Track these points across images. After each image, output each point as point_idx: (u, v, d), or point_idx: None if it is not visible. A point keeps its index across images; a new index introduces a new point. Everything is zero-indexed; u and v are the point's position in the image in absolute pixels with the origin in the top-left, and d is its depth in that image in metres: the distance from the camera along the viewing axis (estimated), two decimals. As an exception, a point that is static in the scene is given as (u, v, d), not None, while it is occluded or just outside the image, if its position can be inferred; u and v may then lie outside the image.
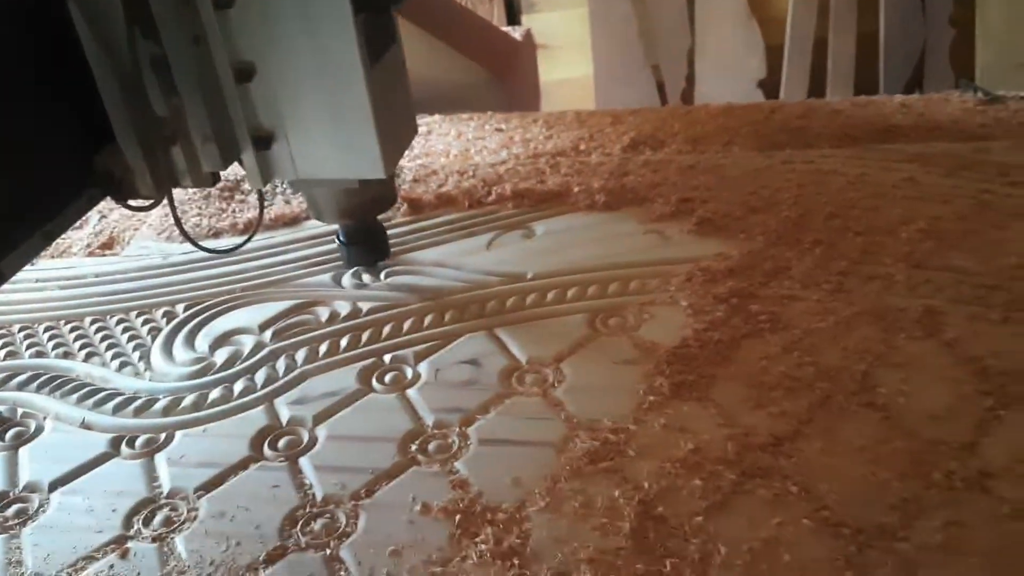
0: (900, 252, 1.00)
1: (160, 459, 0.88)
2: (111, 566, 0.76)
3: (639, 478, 0.77)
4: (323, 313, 1.06)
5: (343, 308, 1.06)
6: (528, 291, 1.04)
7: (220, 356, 1.01)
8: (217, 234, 1.26)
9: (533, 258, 1.10)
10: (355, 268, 1.13)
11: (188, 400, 0.95)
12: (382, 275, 1.11)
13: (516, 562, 0.71)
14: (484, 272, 1.09)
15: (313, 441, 0.87)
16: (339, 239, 1.11)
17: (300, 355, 0.99)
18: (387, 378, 0.94)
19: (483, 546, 0.72)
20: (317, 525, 0.77)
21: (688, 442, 0.80)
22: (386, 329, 1.01)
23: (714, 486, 0.75)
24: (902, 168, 1.17)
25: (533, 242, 1.15)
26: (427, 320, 1.02)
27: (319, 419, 0.90)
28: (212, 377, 0.98)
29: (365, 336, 1.01)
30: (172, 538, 0.78)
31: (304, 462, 0.85)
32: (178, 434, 0.91)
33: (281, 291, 1.11)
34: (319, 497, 0.80)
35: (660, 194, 1.19)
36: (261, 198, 1.10)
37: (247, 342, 1.03)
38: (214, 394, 0.95)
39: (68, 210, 0.81)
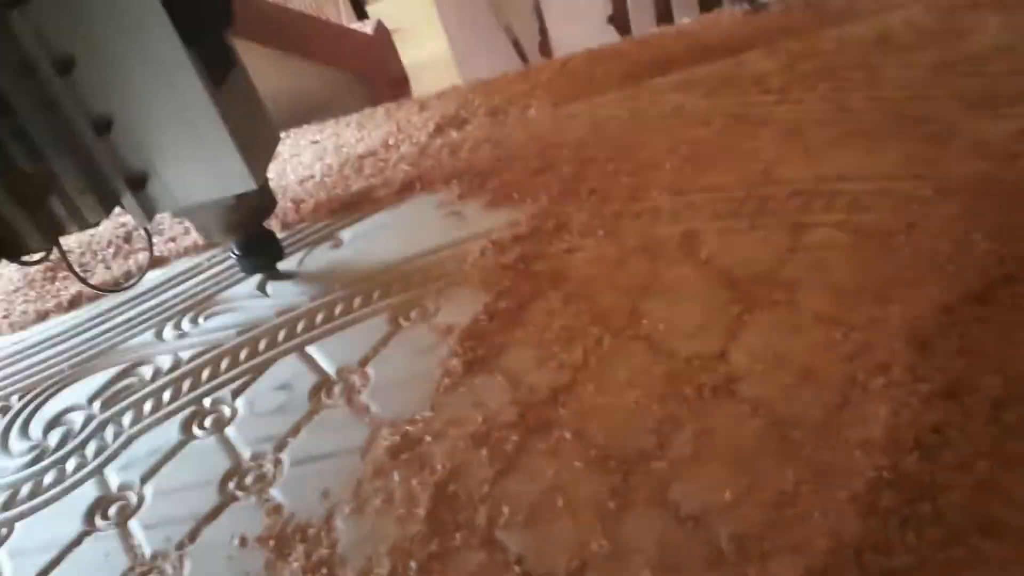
0: (664, 183, 1.06)
1: (2, 554, 0.90)
2: (-43, 671, 0.79)
3: (434, 462, 0.82)
4: (147, 372, 1.08)
5: (165, 362, 1.08)
6: (335, 303, 1.07)
7: (53, 439, 1.03)
8: (44, 316, 1.27)
9: (341, 268, 1.14)
10: (185, 313, 1.16)
11: (25, 490, 0.97)
12: (201, 318, 1.14)
13: (325, 572, 0.75)
14: (296, 293, 1.12)
15: (141, 501, 0.90)
16: (233, 253, 1.13)
17: (127, 419, 1.02)
18: (207, 422, 0.97)
19: (295, 564, 0.77)
20: (147, 582, 0.81)
21: (479, 415, 0.84)
22: (205, 373, 1.04)
23: (500, 452, 0.80)
24: (669, 99, 1.22)
25: (341, 250, 1.18)
26: (242, 355, 1.05)
27: (146, 478, 0.93)
28: (47, 462, 1.00)
29: (186, 385, 1.03)
30: (14, 629, 0.81)
31: (133, 524, 0.88)
32: (17, 526, 0.93)
33: (107, 359, 1.13)
34: (148, 555, 0.84)
35: (456, 175, 1.23)
36: (148, 235, 1.14)
37: (77, 419, 1.05)
38: (48, 478, 0.98)
39: None
